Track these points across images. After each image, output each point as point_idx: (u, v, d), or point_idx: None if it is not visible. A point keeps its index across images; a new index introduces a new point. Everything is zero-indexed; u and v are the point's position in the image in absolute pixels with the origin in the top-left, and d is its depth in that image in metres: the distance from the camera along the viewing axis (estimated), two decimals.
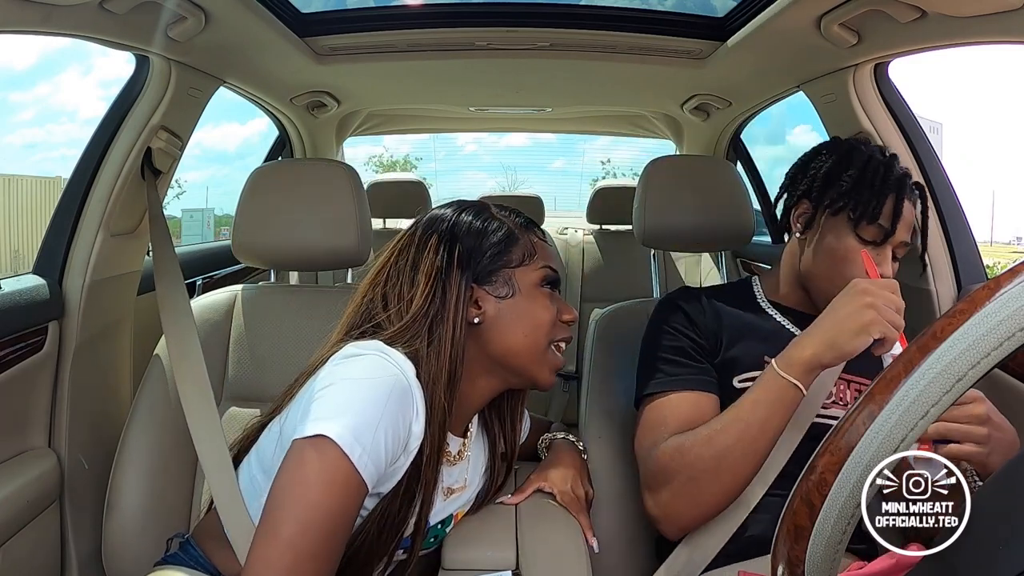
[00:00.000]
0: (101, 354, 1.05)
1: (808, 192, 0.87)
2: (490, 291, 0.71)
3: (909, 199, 0.83)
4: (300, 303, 1.01)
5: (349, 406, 0.59)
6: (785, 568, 0.39)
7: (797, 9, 0.94)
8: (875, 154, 0.85)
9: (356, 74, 1.47)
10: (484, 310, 0.70)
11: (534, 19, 1.20)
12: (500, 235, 0.72)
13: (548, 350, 0.73)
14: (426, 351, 0.66)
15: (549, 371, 0.73)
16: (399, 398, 0.61)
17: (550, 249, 0.77)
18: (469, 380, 0.72)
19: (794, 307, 0.89)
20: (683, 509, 0.76)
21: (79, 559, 0.97)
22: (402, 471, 0.65)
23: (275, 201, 1.00)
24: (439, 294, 0.68)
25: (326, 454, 0.57)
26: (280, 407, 0.70)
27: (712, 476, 0.73)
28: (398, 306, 0.69)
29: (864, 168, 0.83)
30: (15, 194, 9.01)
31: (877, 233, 0.81)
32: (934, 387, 0.34)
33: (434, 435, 0.65)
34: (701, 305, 0.88)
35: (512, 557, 0.73)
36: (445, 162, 19.27)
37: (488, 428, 0.82)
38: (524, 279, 0.72)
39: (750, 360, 0.83)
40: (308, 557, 0.55)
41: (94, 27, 0.85)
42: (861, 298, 0.69)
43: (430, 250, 0.71)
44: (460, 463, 0.76)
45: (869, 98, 1.07)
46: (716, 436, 0.73)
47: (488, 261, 0.71)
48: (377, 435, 0.59)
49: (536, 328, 0.71)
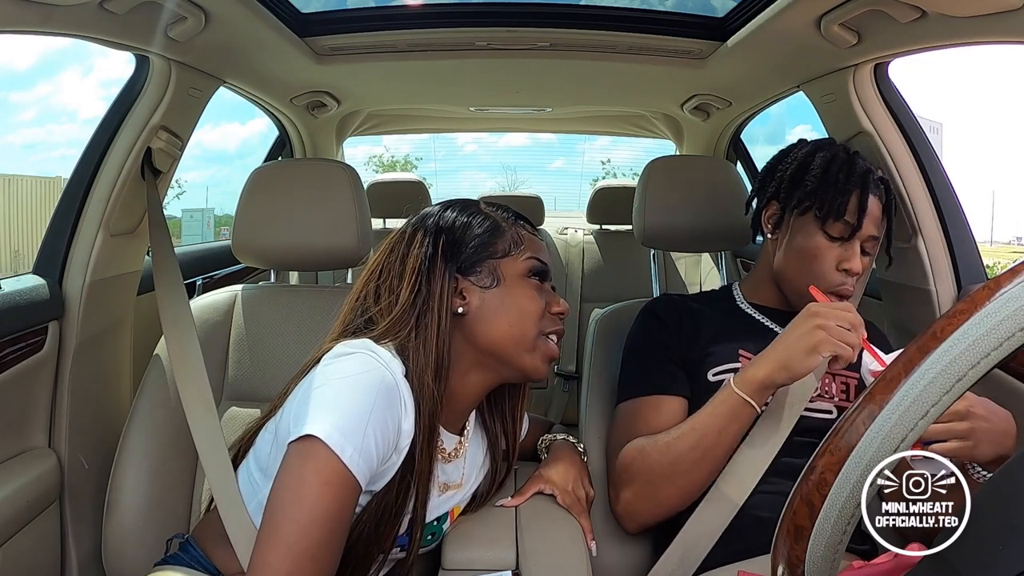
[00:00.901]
0: (101, 354, 1.05)
1: (776, 193, 0.91)
2: (475, 281, 0.72)
3: (874, 194, 0.85)
4: (300, 303, 1.01)
5: (336, 405, 0.60)
6: (785, 568, 0.39)
7: (797, 9, 0.93)
8: (838, 153, 0.88)
9: (356, 74, 1.47)
10: (469, 301, 0.71)
11: (534, 19, 1.20)
12: (484, 227, 0.74)
13: (538, 340, 0.73)
14: (414, 342, 0.68)
15: (540, 361, 0.73)
16: (386, 395, 0.62)
17: (540, 242, 0.77)
18: (459, 374, 0.72)
19: (773, 306, 0.92)
20: (641, 508, 0.81)
21: (79, 559, 0.97)
22: (395, 468, 0.66)
23: (275, 201, 1.00)
24: (424, 285, 0.70)
25: (317, 455, 0.58)
26: (276, 407, 0.71)
27: (668, 480, 0.78)
28: (389, 300, 0.71)
29: (827, 167, 0.86)
30: (15, 194, 9.02)
31: (843, 229, 0.84)
32: (934, 387, 0.34)
33: (425, 425, 0.66)
34: (678, 310, 0.91)
35: (512, 557, 0.73)
36: (445, 162, 19.31)
37: (487, 427, 0.83)
38: (509, 270, 0.73)
39: (726, 354, 0.86)
40: (308, 558, 0.55)
41: (94, 27, 0.85)
42: (811, 320, 0.72)
43: (416, 244, 0.72)
44: (456, 460, 0.77)
45: (869, 98, 1.07)
46: (674, 444, 0.78)
47: (472, 252, 0.72)
48: (367, 433, 0.59)
49: (522, 318, 0.72)
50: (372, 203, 1.19)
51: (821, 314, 0.72)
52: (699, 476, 0.77)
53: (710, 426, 0.76)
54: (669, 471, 0.77)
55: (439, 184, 17.98)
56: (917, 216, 1.05)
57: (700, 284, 2.17)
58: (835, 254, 0.84)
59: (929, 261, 1.05)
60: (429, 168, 18.16)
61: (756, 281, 0.95)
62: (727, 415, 0.76)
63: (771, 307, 0.92)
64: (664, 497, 0.79)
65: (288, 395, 0.68)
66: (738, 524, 0.77)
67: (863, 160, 0.89)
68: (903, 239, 1.08)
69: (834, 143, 0.92)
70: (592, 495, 0.85)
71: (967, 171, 34.51)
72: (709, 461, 0.77)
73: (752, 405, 0.75)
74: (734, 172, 1.23)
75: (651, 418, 0.84)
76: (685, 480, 0.78)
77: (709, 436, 0.76)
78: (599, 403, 0.97)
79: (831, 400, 0.83)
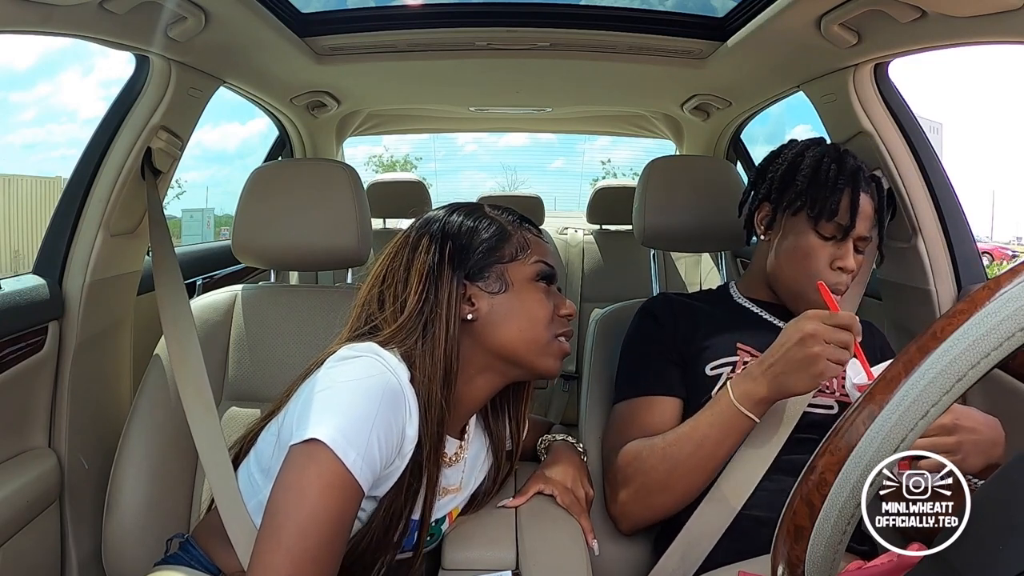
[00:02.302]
0: (101, 354, 1.05)
1: (768, 195, 0.90)
2: (483, 287, 0.71)
3: (865, 192, 0.85)
4: (300, 303, 1.00)
5: (341, 409, 0.60)
6: (785, 568, 0.39)
7: (797, 9, 0.93)
8: (828, 151, 0.88)
9: (356, 74, 1.47)
10: (478, 307, 0.71)
11: (534, 19, 1.20)
12: (491, 232, 0.73)
13: (550, 342, 0.73)
14: (421, 350, 0.67)
15: (553, 360, 0.73)
16: (391, 400, 0.62)
17: (545, 245, 0.77)
18: (466, 379, 0.72)
19: (769, 300, 0.92)
20: (637, 510, 0.81)
21: (79, 559, 0.97)
22: (398, 473, 0.65)
23: (275, 201, 1.00)
24: (432, 292, 0.69)
25: (320, 458, 0.58)
26: (278, 408, 0.71)
27: (663, 486, 0.78)
28: (393, 307, 0.70)
29: (817, 166, 0.86)
30: (15, 194, 9.02)
31: (836, 229, 0.84)
32: (934, 387, 0.34)
33: (432, 433, 0.66)
34: (674, 308, 0.91)
35: (512, 557, 0.73)
36: (445, 162, 19.31)
37: (490, 429, 0.82)
38: (517, 274, 0.72)
39: (723, 347, 0.86)
40: (308, 561, 0.55)
41: (94, 27, 0.85)
42: (810, 346, 0.70)
43: (422, 250, 0.71)
44: (456, 465, 0.76)
45: (869, 98, 1.07)
46: (671, 450, 0.78)
47: (479, 258, 0.72)
48: (371, 437, 0.59)
49: (532, 322, 0.71)
50: (372, 203, 1.19)
51: (818, 338, 0.70)
52: (695, 481, 0.78)
53: (708, 436, 0.76)
54: (665, 477, 0.78)
55: (439, 184, 18.00)
56: (917, 216, 1.05)
57: (700, 284, 2.16)
58: (828, 252, 0.84)
59: (929, 261, 1.05)
60: (429, 168, 18.18)
61: (751, 281, 0.95)
62: (725, 426, 0.76)
63: (768, 301, 0.92)
64: (659, 501, 0.80)
65: (290, 396, 0.68)
66: (739, 524, 0.77)
67: (853, 158, 0.88)
68: (903, 239, 1.08)
69: (823, 142, 0.92)
70: (592, 495, 0.85)
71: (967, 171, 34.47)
72: (706, 468, 0.77)
73: (751, 418, 0.75)
74: (734, 172, 1.23)
75: (645, 419, 0.84)
76: (681, 485, 0.78)
77: (707, 445, 0.76)
78: (599, 403, 0.97)
79: (832, 395, 0.83)
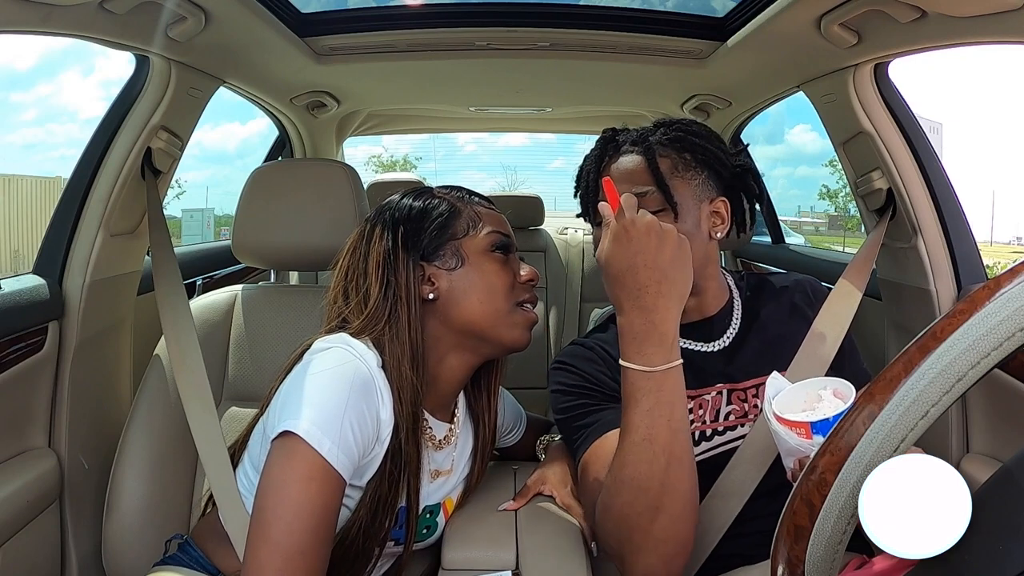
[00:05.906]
0: (101, 354, 1.05)
1: None
2: (440, 265, 0.73)
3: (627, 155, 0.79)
4: (300, 303, 1.01)
5: (312, 400, 0.61)
6: (785, 568, 0.39)
7: (797, 9, 0.93)
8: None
9: (356, 74, 1.47)
10: (437, 285, 0.72)
11: (534, 19, 1.20)
12: (441, 210, 0.75)
13: (513, 311, 0.74)
14: (388, 335, 0.69)
15: (520, 330, 0.74)
16: (361, 386, 0.63)
17: (499, 215, 0.78)
18: (438, 359, 0.73)
19: None
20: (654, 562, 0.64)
21: (79, 559, 0.97)
22: (379, 460, 0.66)
23: (275, 201, 1.00)
24: (391, 278, 0.71)
25: (296, 452, 0.59)
26: (265, 407, 0.72)
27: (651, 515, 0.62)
28: (358, 298, 0.72)
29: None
30: (15, 194, 9.03)
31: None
32: (934, 387, 0.34)
33: (407, 413, 0.67)
34: (589, 349, 0.83)
35: (512, 557, 0.73)
36: (445, 162, 19.28)
37: (472, 408, 0.83)
38: (472, 248, 0.73)
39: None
40: (297, 554, 0.56)
41: (94, 27, 0.85)
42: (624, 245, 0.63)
43: (376, 239, 0.73)
44: (447, 447, 0.77)
45: (869, 98, 1.07)
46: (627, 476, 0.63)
47: (433, 237, 0.73)
48: (344, 425, 0.60)
49: (492, 293, 0.72)
50: (372, 203, 1.19)
51: (627, 234, 0.63)
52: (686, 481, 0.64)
53: (646, 421, 0.62)
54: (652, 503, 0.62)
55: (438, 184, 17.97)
56: (917, 216, 1.05)
57: None
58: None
59: (929, 261, 1.05)
60: (429, 168, 18.18)
61: None
62: (649, 394, 0.62)
63: None
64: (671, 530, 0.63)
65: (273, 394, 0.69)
66: (738, 528, 0.77)
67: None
68: (903, 239, 1.08)
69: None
70: None
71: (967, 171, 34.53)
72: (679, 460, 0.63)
73: (660, 370, 0.62)
74: None
75: (600, 463, 0.72)
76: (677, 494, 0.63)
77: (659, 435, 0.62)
78: None
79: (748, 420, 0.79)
